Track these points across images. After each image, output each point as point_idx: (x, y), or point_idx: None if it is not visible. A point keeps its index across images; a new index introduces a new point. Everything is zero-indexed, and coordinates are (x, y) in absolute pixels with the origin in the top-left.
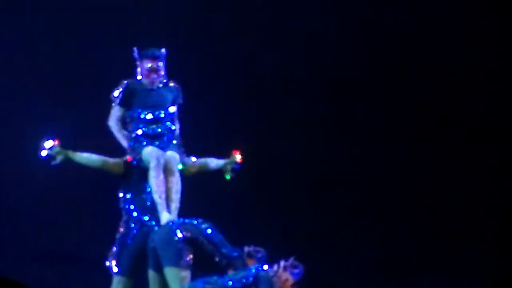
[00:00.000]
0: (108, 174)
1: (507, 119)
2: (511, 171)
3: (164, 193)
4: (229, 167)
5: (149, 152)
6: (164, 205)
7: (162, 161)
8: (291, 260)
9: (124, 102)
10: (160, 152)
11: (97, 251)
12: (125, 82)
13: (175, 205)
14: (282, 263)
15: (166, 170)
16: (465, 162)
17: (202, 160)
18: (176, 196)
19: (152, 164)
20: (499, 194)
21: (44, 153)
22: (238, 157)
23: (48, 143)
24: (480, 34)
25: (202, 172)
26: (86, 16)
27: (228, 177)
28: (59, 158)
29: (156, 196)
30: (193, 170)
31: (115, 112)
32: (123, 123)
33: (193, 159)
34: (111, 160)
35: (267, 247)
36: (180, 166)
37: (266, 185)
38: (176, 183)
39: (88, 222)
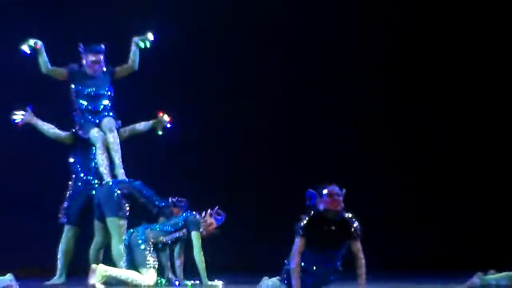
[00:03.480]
0: (61, 144)
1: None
2: None
3: (108, 166)
4: (159, 125)
5: (96, 136)
6: (108, 174)
7: (105, 141)
8: (216, 209)
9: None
10: (102, 133)
11: (53, 205)
12: (70, 65)
13: (121, 171)
14: (208, 210)
15: (107, 143)
16: None
17: (131, 126)
18: (119, 161)
19: (98, 145)
20: None
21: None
22: (166, 116)
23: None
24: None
25: (134, 135)
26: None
27: (160, 133)
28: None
29: (102, 169)
30: (125, 135)
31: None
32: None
33: (123, 128)
34: (63, 134)
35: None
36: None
37: (188, 150)
38: (117, 150)
39: (46, 180)
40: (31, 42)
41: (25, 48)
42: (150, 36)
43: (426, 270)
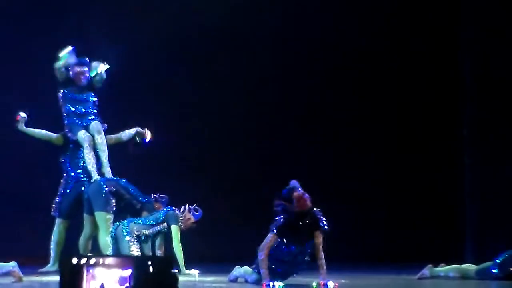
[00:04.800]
0: (52, 144)
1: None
2: None
3: (96, 164)
4: (139, 136)
5: (83, 137)
6: (95, 172)
7: (91, 142)
8: (194, 205)
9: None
10: (89, 135)
11: (47, 200)
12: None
13: (108, 169)
14: (187, 206)
15: (96, 144)
16: None
17: (117, 135)
18: (106, 160)
19: (85, 145)
20: None
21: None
22: (148, 135)
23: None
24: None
25: (119, 142)
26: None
27: (137, 140)
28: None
29: (89, 167)
30: (111, 142)
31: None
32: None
33: (110, 136)
34: (54, 134)
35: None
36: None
37: (170, 151)
38: (104, 150)
39: (42, 179)
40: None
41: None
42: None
43: (381, 263)
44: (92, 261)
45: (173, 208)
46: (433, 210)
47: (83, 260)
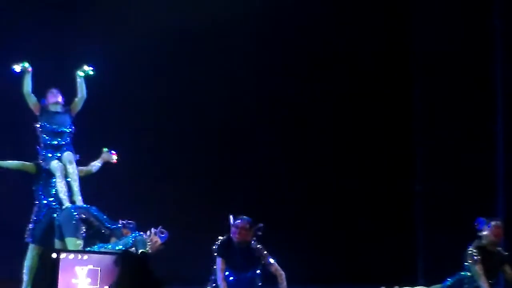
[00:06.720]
0: (25, 173)
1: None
2: None
3: (67, 192)
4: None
5: (55, 166)
6: (67, 200)
7: (63, 171)
8: (159, 228)
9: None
10: (61, 164)
11: (21, 227)
12: (42, 102)
13: (79, 197)
14: (152, 230)
15: (67, 173)
16: None
17: (87, 167)
18: (77, 189)
19: (57, 174)
20: None
21: None
22: (114, 157)
23: None
24: None
25: (89, 174)
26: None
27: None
28: None
29: (61, 195)
30: (81, 174)
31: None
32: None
33: (81, 168)
34: (27, 163)
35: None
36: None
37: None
38: (75, 180)
39: (15, 206)
40: (26, 64)
41: (17, 68)
42: (86, 67)
43: (335, 285)
44: (71, 256)
45: (141, 233)
46: (387, 233)
47: (62, 255)
